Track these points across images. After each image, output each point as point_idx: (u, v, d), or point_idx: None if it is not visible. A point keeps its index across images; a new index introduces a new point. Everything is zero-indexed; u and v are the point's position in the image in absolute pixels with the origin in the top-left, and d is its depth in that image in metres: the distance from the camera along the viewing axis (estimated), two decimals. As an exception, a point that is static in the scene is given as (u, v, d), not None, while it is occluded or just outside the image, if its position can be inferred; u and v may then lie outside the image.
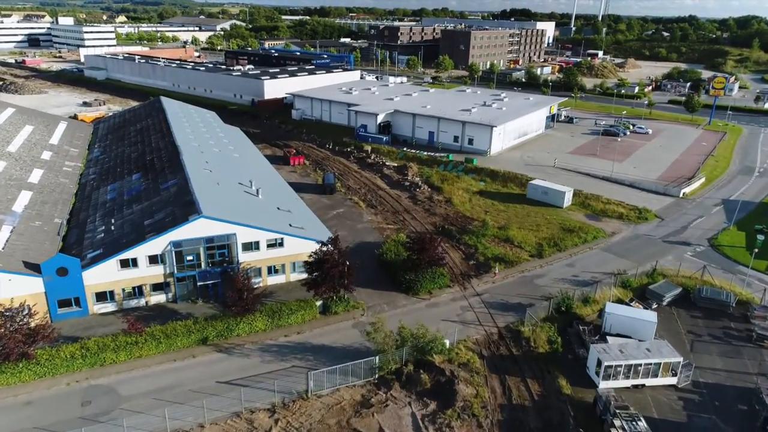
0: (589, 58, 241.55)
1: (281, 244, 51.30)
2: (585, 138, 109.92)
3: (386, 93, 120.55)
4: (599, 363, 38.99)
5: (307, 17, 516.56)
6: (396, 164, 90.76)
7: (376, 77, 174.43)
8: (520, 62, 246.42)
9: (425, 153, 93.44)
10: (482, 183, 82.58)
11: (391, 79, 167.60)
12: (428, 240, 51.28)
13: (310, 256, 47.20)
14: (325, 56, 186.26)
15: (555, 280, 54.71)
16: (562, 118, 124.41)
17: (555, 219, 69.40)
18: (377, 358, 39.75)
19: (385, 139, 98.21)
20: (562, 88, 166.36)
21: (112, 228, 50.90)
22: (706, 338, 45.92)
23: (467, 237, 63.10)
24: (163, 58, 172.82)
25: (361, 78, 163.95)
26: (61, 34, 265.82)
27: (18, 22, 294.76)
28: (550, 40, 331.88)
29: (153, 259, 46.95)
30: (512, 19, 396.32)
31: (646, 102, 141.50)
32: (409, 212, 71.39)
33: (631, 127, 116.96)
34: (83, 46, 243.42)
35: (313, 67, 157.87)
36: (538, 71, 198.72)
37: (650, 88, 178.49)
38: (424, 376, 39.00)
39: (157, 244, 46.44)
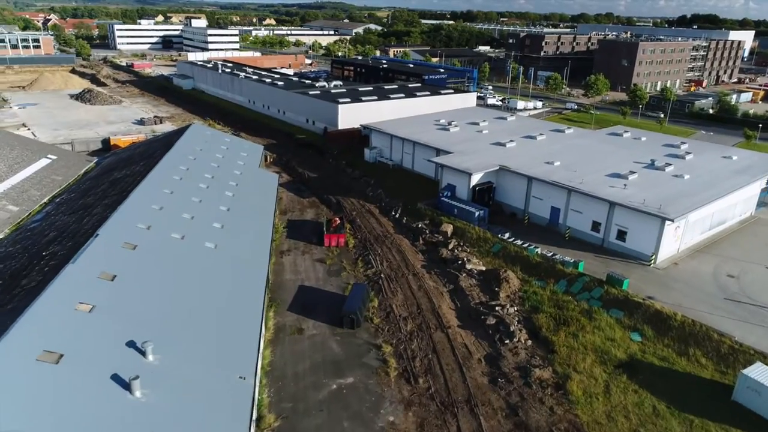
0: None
1: None
2: (834, 235, 63.67)
3: (499, 132, 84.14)
4: None
5: (452, 22, 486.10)
6: (484, 267, 55.02)
7: (501, 100, 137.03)
8: (704, 84, 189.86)
9: (538, 250, 56.09)
10: (636, 337, 43.85)
11: (520, 104, 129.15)
12: None
13: None
14: (442, 70, 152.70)
15: None
16: (783, 186, 77.67)
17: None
18: None
19: (477, 214, 62.55)
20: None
21: None
22: None
23: None
24: (250, 67, 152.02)
25: (480, 98, 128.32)
26: (192, 37, 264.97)
27: (155, 23, 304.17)
28: (745, 54, 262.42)
29: None
30: (694, 26, 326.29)
31: None
32: (475, 410, 35.95)
33: None
34: (207, 50, 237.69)
35: (419, 85, 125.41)
36: (733, 99, 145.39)
37: None
38: None
39: None
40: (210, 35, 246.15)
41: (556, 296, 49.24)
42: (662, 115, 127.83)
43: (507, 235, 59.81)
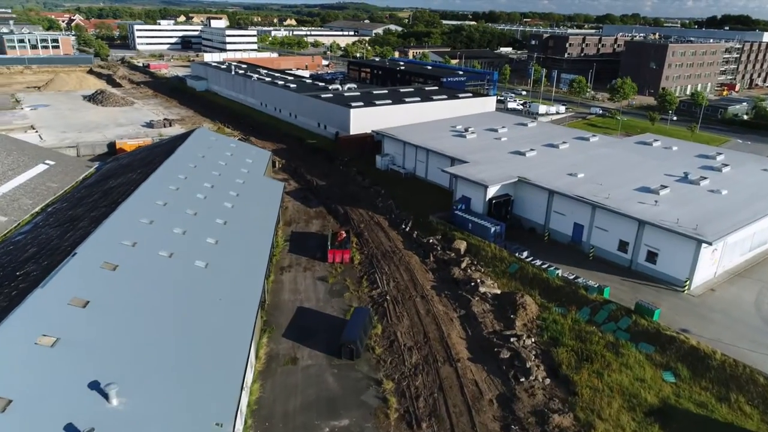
0: None
1: None
2: None
3: (518, 139, 79.42)
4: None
5: (473, 22, 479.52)
6: (499, 290, 50.51)
7: (522, 104, 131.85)
8: (737, 88, 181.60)
9: (558, 272, 51.35)
10: (669, 378, 38.96)
11: (542, 108, 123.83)
12: None
13: None
14: (461, 72, 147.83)
15: None
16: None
17: None
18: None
19: (493, 230, 58.01)
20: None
21: None
22: None
23: None
24: (264, 68, 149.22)
25: (500, 102, 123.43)
26: (210, 37, 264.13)
27: (176, 24, 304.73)
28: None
29: None
30: (725, 27, 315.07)
31: None
32: (484, 463, 31.63)
33: None
34: (225, 50, 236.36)
35: (436, 88, 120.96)
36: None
37: None
38: None
39: None
40: (228, 36, 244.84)
41: (579, 326, 44.54)
42: (675, 117, 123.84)
43: (525, 254, 55.15)
